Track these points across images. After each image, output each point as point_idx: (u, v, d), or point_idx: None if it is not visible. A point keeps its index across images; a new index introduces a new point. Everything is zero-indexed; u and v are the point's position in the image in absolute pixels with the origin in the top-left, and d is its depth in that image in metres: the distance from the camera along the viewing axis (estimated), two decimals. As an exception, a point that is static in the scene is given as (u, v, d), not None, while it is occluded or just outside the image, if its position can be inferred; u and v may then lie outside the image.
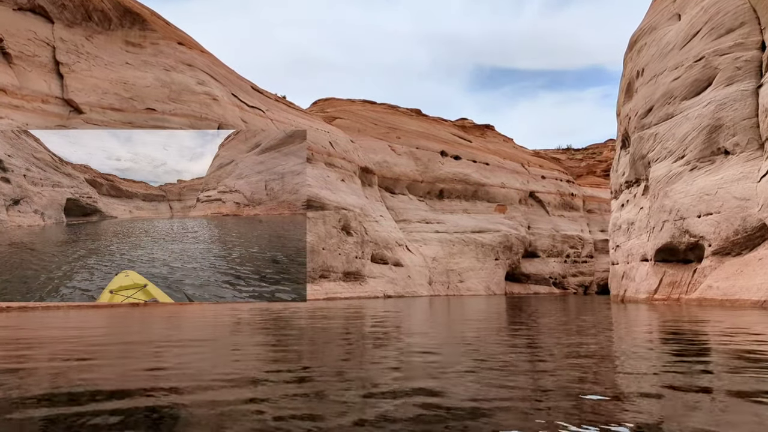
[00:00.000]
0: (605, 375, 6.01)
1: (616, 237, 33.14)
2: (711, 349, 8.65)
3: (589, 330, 12.39)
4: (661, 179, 27.78)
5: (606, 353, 8.21)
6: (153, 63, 34.53)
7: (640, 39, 32.88)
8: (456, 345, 9.02)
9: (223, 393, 4.73)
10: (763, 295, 21.03)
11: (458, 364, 6.57)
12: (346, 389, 4.92)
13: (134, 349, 7.92)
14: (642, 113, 30.33)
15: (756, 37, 25.46)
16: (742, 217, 23.22)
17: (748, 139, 24.38)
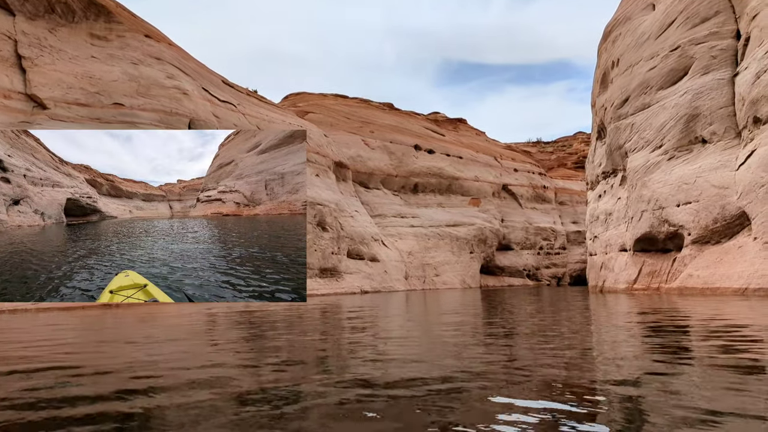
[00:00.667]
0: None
1: (594, 228, 32.96)
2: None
3: (577, 321, 11.98)
4: (639, 169, 27.57)
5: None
6: (120, 56, 33.20)
7: (614, 29, 32.67)
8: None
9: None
10: (744, 282, 20.90)
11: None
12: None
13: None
14: (618, 103, 30.11)
15: (731, 26, 25.36)
16: (721, 206, 23.08)
17: (725, 127, 24.26)
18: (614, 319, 12.94)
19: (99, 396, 4.56)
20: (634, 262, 27.77)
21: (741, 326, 10.15)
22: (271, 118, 43.47)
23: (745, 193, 21.91)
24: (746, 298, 19.87)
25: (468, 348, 7.75)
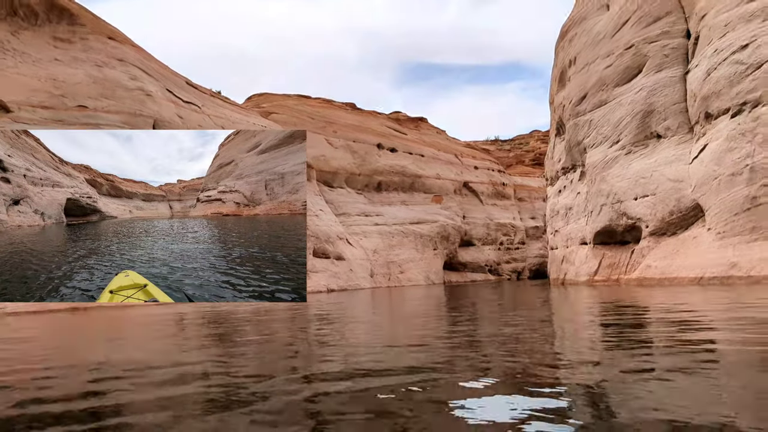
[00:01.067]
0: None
1: (555, 222, 33.63)
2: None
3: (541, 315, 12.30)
4: (598, 164, 28.26)
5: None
6: (83, 59, 32.51)
7: (571, 29, 33.37)
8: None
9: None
10: (699, 272, 21.66)
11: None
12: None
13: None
14: (576, 101, 30.78)
15: (681, 26, 26.20)
16: (677, 198, 23.85)
17: (679, 122, 25.07)
18: (577, 311, 13.31)
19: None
20: (594, 254, 28.46)
21: (696, 313, 10.62)
22: (235, 118, 43.09)
23: (698, 185, 22.69)
24: (702, 286, 20.58)
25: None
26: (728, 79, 21.83)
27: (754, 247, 20.21)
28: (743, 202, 20.70)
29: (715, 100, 22.47)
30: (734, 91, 21.59)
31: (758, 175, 20.34)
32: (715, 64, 22.52)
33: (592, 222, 28.54)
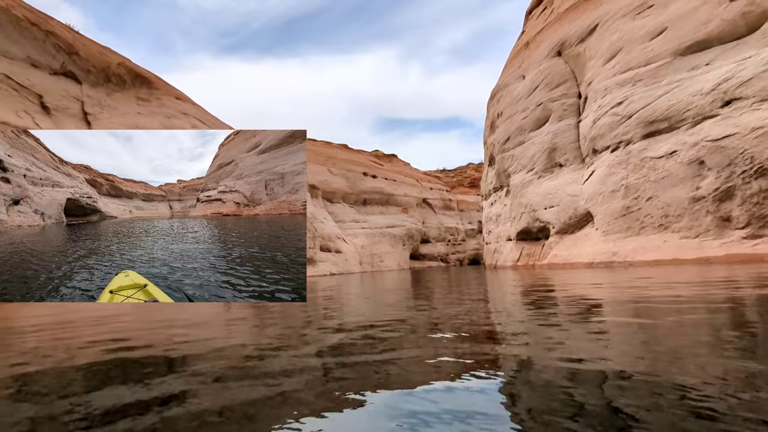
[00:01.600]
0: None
1: (489, 225, 33.41)
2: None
3: (482, 285, 11.95)
4: (518, 185, 28.09)
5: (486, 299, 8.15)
6: (158, 113, 31.59)
7: (498, 92, 33.30)
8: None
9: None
10: (590, 258, 21.50)
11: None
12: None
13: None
14: (503, 141, 30.64)
15: (575, 89, 26.20)
16: (574, 208, 23.73)
17: (574, 156, 25.00)
18: (504, 286, 12.93)
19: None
20: (517, 247, 28.24)
21: (590, 288, 10.33)
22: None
23: (589, 198, 22.59)
24: (593, 269, 20.40)
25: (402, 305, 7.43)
26: (609, 126, 21.80)
27: (629, 240, 20.10)
28: (620, 210, 20.62)
29: (600, 140, 22.42)
30: (613, 133, 21.57)
31: (630, 192, 20.28)
32: (600, 116, 22.49)
33: (515, 225, 28.33)
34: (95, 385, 2.88)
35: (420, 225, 69.79)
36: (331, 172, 58.78)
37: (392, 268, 60.43)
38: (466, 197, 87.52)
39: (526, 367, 2.84)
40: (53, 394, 2.74)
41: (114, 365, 3.48)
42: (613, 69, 22.74)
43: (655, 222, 19.29)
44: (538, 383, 2.50)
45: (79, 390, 2.78)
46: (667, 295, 6.75)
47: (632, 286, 8.87)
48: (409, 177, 73.61)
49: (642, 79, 20.99)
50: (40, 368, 3.49)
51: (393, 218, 65.48)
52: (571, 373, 2.63)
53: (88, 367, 3.44)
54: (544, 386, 2.44)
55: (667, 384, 2.36)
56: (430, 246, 72.75)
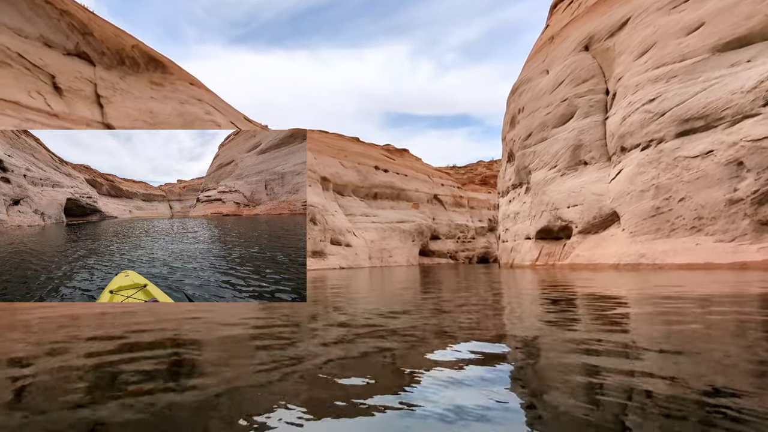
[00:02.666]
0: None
1: (506, 223, 32.76)
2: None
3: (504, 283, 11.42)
4: (540, 182, 27.44)
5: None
6: (171, 98, 31.16)
7: (520, 87, 32.58)
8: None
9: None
10: (617, 260, 20.87)
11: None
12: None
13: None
14: (524, 137, 29.96)
15: (602, 86, 25.48)
16: (599, 207, 23.07)
17: (600, 153, 24.32)
18: (526, 283, 12.41)
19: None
20: (536, 246, 27.63)
21: (615, 289, 9.75)
22: (277, 144, 41.94)
23: (615, 198, 21.93)
24: (618, 270, 19.80)
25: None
26: (639, 123, 21.09)
27: (658, 242, 19.45)
28: (649, 210, 19.96)
29: (629, 137, 21.72)
30: (644, 131, 20.86)
31: (661, 192, 19.61)
32: (630, 112, 21.78)
33: (535, 223, 27.70)
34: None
35: (430, 221, 69.18)
36: (342, 164, 58.25)
37: (401, 263, 59.95)
38: (477, 194, 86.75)
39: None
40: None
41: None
42: (645, 64, 21.99)
43: (687, 224, 18.61)
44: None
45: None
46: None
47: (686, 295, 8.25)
48: (421, 172, 72.95)
49: (677, 76, 20.24)
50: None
51: (403, 213, 64.92)
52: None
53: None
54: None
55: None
56: (440, 243, 72.15)
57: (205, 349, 3.63)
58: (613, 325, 4.21)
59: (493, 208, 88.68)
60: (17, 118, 25.49)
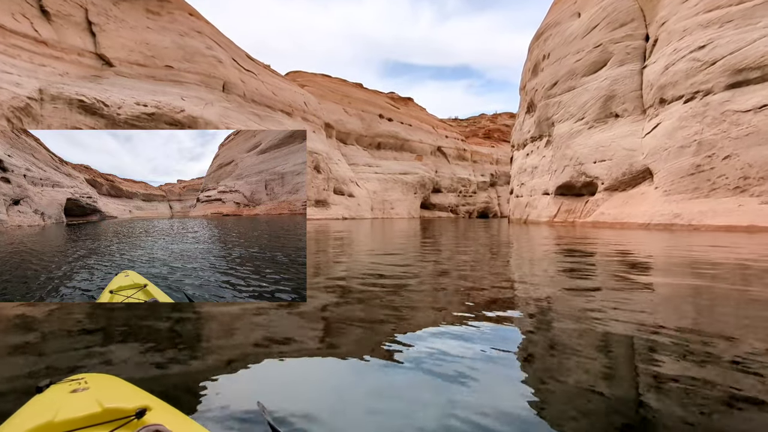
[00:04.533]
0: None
1: (521, 177, 31.46)
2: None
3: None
4: (564, 135, 25.96)
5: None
6: (169, 29, 28.61)
7: (546, 31, 30.32)
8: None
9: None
10: (647, 219, 19.84)
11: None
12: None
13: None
14: (548, 86, 28.14)
15: (642, 30, 23.51)
16: (629, 163, 21.78)
17: (634, 106, 22.75)
18: (544, 240, 11.31)
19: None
20: (555, 202, 26.53)
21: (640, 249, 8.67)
22: (281, 86, 39.48)
23: (650, 154, 20.60)
24: (648, 231, 18.81)
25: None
26: (685, 73, 19.42)
27: (695, 202, 18.35)
28: (688, 168, 18.70)
29: (671, 88, 20.11)
30: (689, 82, 19.23)
31: (704, 148, 18.29)
32: (674, 60, 20.04)
33: (555, 178, 26.46)
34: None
35: (433, 174, 67.76)
36: (346, 111, 55.93)
37: (402, 216, 59.09)
38: (480, 148, 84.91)
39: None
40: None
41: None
42: (695, 7, 20.02)
43: (731, 183, 17.43)
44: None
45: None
46: None
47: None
48: (425, 123, 70.73)
49: (732, 20, 18.40)
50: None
51: (406, 165, 63.33)
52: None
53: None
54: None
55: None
56: (441, 196, 71.10)
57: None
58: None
59: (495, 162, 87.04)
60: (2, 44, 23.22)
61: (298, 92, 42.12)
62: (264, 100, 35.00)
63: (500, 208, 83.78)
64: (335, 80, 60.72)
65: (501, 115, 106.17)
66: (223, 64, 30.62)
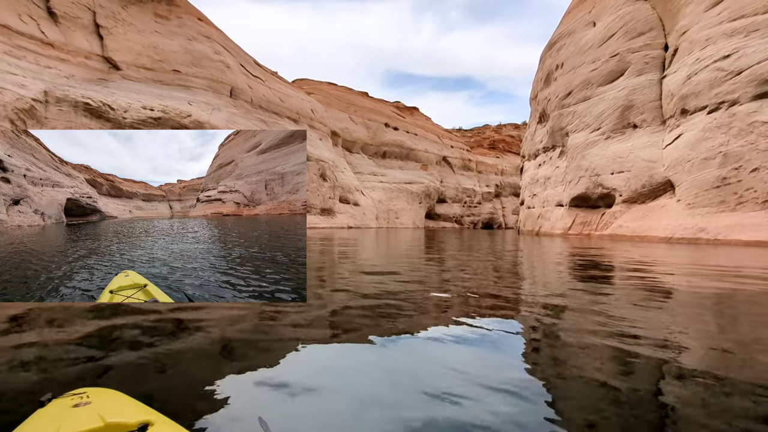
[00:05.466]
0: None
1: (534, 188, 30.79)
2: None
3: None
4: (579, 145, 25.33)
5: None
6: (178, 33, 28.16)
7: (559, 40, 29.86)
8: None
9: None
10: (669, 233, 19.12)
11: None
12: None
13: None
14: (562, 95, 27.59)
15: (661, 40, 22.98)
16: (649, 175, 21.11)
17: (653, 116, 22.14)
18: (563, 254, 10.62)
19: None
20: (569, 214, 25.84)
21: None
22: (289, 93, 39.00)
23: (671, 166, 19.95)
24: (671, 245, 18.08)
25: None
26: (709, 83, 18.83)
27: (721, 216, 17.65)
28: (713, 180, 18.03)
29: (694, 98, 19.51)
30: (713, 92, 18.63)
31: (730, 160, 17.63)
32: (697, 70, 19.46)
33: (569, 189, 25.78)
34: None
35: (438, 183, 67.17)
36: (352, 119, 55.50)
37: (407, 225, 58.39)
38: (486, 159, 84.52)
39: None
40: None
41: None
42: (719, 16, 19.48)
43: (759, 197, 16.75)
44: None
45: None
46: None
47: None
48: (431, 132, 70.31)
49: (759, 29, 17.84)
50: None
51: (412, 174, 62.77)
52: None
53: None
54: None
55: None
56: (446, 206, 70.46)
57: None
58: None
59: (500, 173, 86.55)
60: (7, 45, 22.75)
61: (305, 99, 41.64)
62: (271, 106, 34.50)
63: (504, 219, 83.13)
64: (341, 88, 60.39)
65: (505, 126, 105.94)
66: (231, 70, 30.12)
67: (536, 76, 33.51)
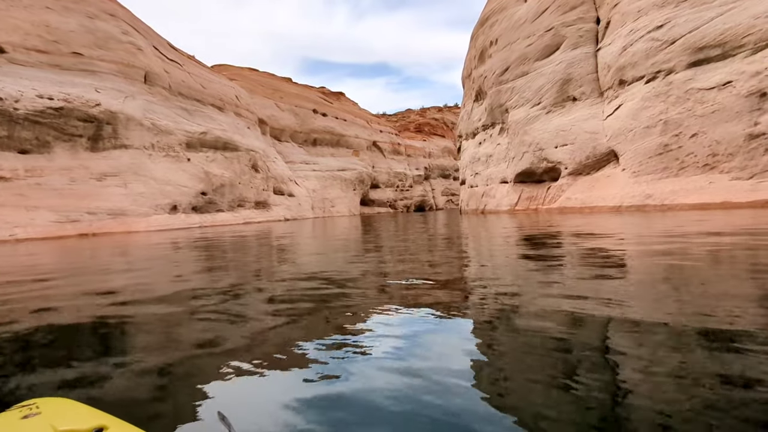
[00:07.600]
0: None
1: (475, 167, 30.56)
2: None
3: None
4: (521, 121, 25.28)
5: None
6: (75, 9, 24.07)
7: (491, 17, 29.58)
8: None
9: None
10: (617, 201, 19.50)
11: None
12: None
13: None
14: (499, 72, 27.38)
15: (593, 14, 23.32)
16: (593, 146, 21.42)
17: (592, 89, 22.47)
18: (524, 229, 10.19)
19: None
20: (515, 190, 25.84)
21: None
22: (210, 78, 35.49)
23: (614, 136, 20.31)
24: (620, 213, 18.42)
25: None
26: (644, 53, 19.23)
27: (666, 182, 18.18)
28: (656, 148, 18.52)
29: (631, 69, 19.89)
30: (650, 62, 19.06)
31: (670, 127, 18.15)
32: (632, 41, 19.83)
33: (513, 165, 25.75)
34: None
35: (370, 169, 66.04)
36: (278, 106, 52.55)
37: (343, 213, 56.86)
38: (414, 142, 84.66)
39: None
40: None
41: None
42: (649, -12, 19.91)
43: (700, 161, 17.37)
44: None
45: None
46: None
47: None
48: (359, 117, 68.81)
49: (687, 0, 18.40)
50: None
51: (344, 161, 61.06)
52: None
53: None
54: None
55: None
56: (380, 192, 69.69)
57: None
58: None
59: (428, 156, 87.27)
60: None
61: (228, 85, 38.31)
62: (192, 93, 31.16)
63: (435, 201, 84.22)
64: (264, 74, 56.93)
65: (429, 110, 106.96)
66: (143, 53, 26.51)
67: (468, 55, 33.20)
